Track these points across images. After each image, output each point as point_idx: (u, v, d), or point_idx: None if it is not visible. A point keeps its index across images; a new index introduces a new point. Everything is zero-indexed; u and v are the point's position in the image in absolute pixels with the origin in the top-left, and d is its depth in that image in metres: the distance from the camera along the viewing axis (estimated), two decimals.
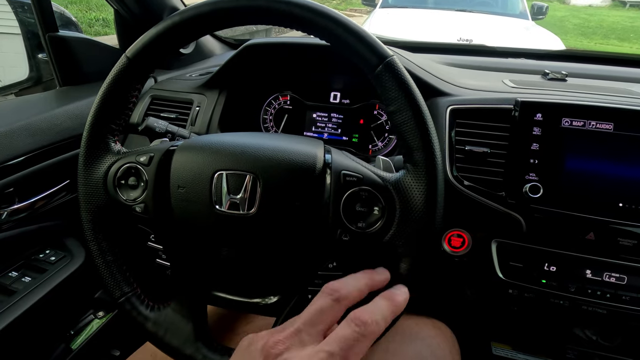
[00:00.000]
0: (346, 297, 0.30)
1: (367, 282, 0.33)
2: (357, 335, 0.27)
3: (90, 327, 0.76)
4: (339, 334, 0.27)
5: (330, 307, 0.30)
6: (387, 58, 0.38)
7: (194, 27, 0.43)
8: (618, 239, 0.51)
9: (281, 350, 0.27)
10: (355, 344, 0.27)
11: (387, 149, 0.78)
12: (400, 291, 0.33)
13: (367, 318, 0.28)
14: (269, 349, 0.27)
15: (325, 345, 0.27)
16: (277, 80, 0.82)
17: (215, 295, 0.46)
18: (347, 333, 0.27)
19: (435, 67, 0.74)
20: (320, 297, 0.30)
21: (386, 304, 0.30)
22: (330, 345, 0.26)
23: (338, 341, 0.27)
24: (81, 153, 0.45)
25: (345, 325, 0.28)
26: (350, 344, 0.26)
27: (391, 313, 0.30)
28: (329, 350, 0.26)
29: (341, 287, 0.31)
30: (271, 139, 0.45)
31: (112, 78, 0.44)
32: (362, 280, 0.33)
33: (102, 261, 0.45)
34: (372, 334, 0.28)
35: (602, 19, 9.51)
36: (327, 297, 0.30)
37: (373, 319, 0.28)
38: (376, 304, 0.30)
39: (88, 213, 0.46)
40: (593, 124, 0.53)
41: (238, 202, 0.41)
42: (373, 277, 0.35)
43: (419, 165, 0.38)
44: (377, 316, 0.29)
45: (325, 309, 0.29)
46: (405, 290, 0.33)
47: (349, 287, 0.31)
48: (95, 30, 3.78)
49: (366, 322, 0.28)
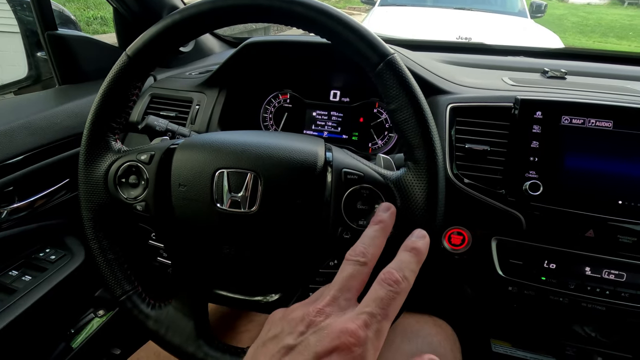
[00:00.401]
0: (371, 258, 0.32)
1: (381, 232, 0.35)
2: (392, 294, 0.29)
3: (91, 326, 0.76)
4: (375, 295, 0.29)
5: (358, 272, 0.31)
6: (389, 56, 0.38)
7: (194, 26, 0.42)
8: (618, 236, 0.52)
9: (324, 317, 0.28)
10: (391, 302, 0.28)
11: (387, 147, 0.79)
12: (419, 237, 0.33)
13: (397, 276, 0.29)
14: (312, 317, 0.28)
15: (364, 307, 0.28)
16: (276, 78, 0.82)
17: (217, 293, 0.46)
18: (382, 294, 0.28)
19: (434, 65, 0.74)
20: (347, 265, 0.32)
21: (410, 256, 0.32)
22: (369, 307, 0.28)
23: (376, 302, 0.28)
24: (82, 151, 0.45)
25: (379, 287, 0.29)
26: (388, 302, 0.28)
27: (417, 263, 0.31)
28: (370, 312, 0.28)
29: (363, 250, 0.32)
30: (272, 137, 0.45)
31: (113, 76, 0.44)
32: (377, 234, 0.34)
33: (103, 259, 0.45)
34: (405, 290, 0.29)
35: (601, 17, 9.53)
36: (353, 264, 0.32)
37: (402, 275, 0.30)
38: (401, 259, 0.31)
39: (89, 211, 0.46)
40: (592, 121, 0.53)
41: (239, 200, 0.41)
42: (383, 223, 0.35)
43: (420, 163, 0.38)
44: (406, 272, 0.30)
45: (354, 274, 0.31)
46: (423, 234, 0.34)
47: (370, 249, 0.33)
48: (93, 29, 3.76)
49: (397, 280, 0.29)
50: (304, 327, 0.28)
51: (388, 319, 0.28)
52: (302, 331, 0.28)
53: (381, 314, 0.28)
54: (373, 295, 0.29)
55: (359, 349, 0.26)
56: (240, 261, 0.44)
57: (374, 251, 0.33)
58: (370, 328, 0.27)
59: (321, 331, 0.27)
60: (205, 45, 1.03)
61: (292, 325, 0.29)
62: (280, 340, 0.28)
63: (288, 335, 0.28)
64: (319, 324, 0.28)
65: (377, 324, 0.27)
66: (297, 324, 0.28)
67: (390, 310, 0.28)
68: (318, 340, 0.26)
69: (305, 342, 0.27)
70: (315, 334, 0.27)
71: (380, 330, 0.27)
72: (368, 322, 0.27)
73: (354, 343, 0.26)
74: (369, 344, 0.26)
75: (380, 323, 0.27)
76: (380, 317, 0.28)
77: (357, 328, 0.27)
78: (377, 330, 0.27)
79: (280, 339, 0.28)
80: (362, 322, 0.27)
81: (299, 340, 0.27)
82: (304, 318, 0.28)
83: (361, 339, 0.26)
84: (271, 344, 0.28)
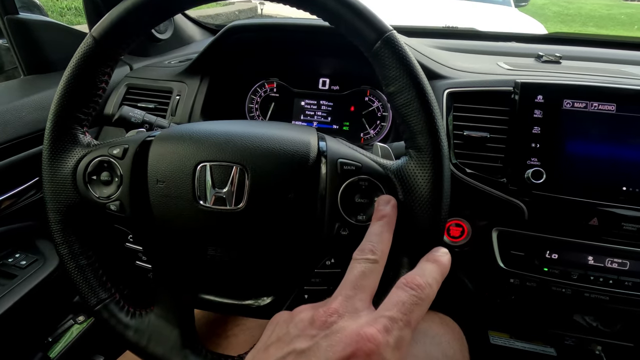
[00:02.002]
0: (382, 255, 0.29)
1: (387, 227, 0.32)
2: (415, 299, 0.25)
3: (70, 333, 0.72)
4: (396, 299, 0.25)
5: (370, 270, 0.28)
6: (387, 33, 0.35)
7: (167, 3, 0.38)
8: (622, 224, 0.50)
9: (337, 318, 0.25)
10: (414, 308, 0.25)
11: (379, 137, 0.76)
12: (441, 252, 0.31)
13: (421, 281, 0.26)
14: (323, 318, 0.25)
15: (384, 310, 0.25)
16: (262, 66, 0.77)
17: (203, 298, 0.43)
18: (404, 297, 0.25)
19: (428, 50, 0.71)
20: (356, 263, 0.29)
21: (433, 266, 0.29)
22: (390, 311, 0.25)
23: (397, 306, 0.25)
24: (45, 145, 0.40)
25: (400, 290, 0.26)
26: (410, 308, 0.25)
27: (440, 275, 0.28)
28: (390, 316, 0.24)
29: (372, 248, 0.30)
30: (259, 126, 0.41)
31: (77, 61, 0.39)
32: (383, 230, 0.31)
33: (74, 266, 0.41)
34: (428, 297, 0.26)
35: (581, 7, 9.67)
36: (363, 261, 0.29)
37: (426, 282, 0.27)
38: (423, 268, 0.29)
39: (56, 213, 0.41)
40: (595, 105, 0.51)
41: (224, 197, 0.37)
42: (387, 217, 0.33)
43: (423, 151, 0.35)
44: (429, 279, 0.27)
45: (366, 272, 0.28)
46: (445, 251, 0.31)
47: (378, 245, 0.30)
48: (67, 20, 3.59)
49: (420, 285, 0.26)
50: (315, 330, 0.24)
51: (410, 326, 0.24)
52: (313, 334, 0.24)
53: (403, 319, 0.24)
54: (394, 299, 0.25)
55: (378, 357, 0.22)
56: (227, 263, 0.40)
57: (383, 248, 0.30)
58: (391, 334, 0.23)
59: (334, 335, 0.24)
60: (185, 33, 0.98)
61: (299, 328, 0.25)
62: (285, 345, 0.24)
63: (296, 339, 0.24)
64: (331, 325, 0.24)
65: (398, 331, 0.24)
66: (306, 326, 0.25)
67: (413, 317, 0.25)
68: (330, 345, 0.23)
69: (315, 347, 0.23)
70: (327, 338, 0.24)
71: (402, 339, 0.24)
72: (389, 327, 0.24)
73: (372, 350, 0.22)
74: (389, 353, 0.23)
75: (402, 330, 0.24)
76: (403, 324, 0.24)
77: (377, 332, 0.23)
78: (398, 338, 0.24)
79: (286, 342, 0.25)
80: (382, 327, 0.23)
81: (308, 345, 0.24)
82: (315, 319, 0.25)
83: (380, 345, 0.23)
84: (274, 348, 0.25)
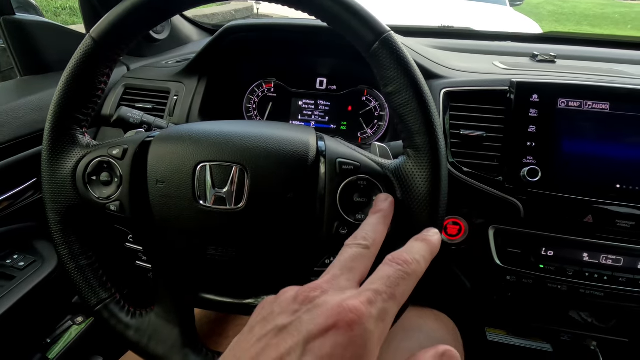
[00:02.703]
0: (374, 243, 0.29)
1: (382, 220, 0.32)
2: (401, 273, 0.25)
3: (69, 334, 0.72)
4: (382, 273, 0.25)
5: (361, 254, 0.28)
6: (384, 34, 0.35)
7: (166, 4, 0.38)
8: (616, 221, 0.51)
9: (320, 293, 0.24)
10: (400, 282, 0.25)
11: (376, 136, 0.76)
12: (432, 232, 0.31)
13: (407, 257, 0.26)
14: (306, 294, 0.24)
15: (369, 284, 0.25)
16: (260, 66, 0.78)
17: (203, 297, 0.43)
18: (390, 272, 0.25)
19: (424, 50, 0.71)
20: (348, 247, 0.29)
21: (421, 244, 0.29)
22: (375, 284, 0.24)
23: (382, 280, 0.25)
24: (44, 146, 0.41)
25: (386, 265, 0.26)
26: (396, 282, 0.25)
27: (429, 253, 0.29)
28: (375, 289, 0.24)
29: (365, 235, 0.30)
30: (259, 126, 0.42)
31: (77, 62, 0.39)
32: (378, 221, 0.32)
33: (74, 266, 0.41)
34: (415, 273, 0.26)
35: (575, 6, 9.73)
36: (355, 246, 0.29)
37: (413, 258, 0.27)
38: (412, 246, 0.29)
39: (56, 214, 0.41)
40: (589, 104, 0.52)
41: (224, 197, 0.37)
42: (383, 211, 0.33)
43: (421, 150, 0.35)
44: (417, 255, 0.27)
45: (356, 256, 0.28)
46: (435, 231, 0.31)
47: (371, 234, 0.30)
48: (62, 19, 3.56)
49: (407, 261, 0.26)
50: (298, 305, 0.24)
51: (395, 300, 0.24)
52: (295, 309, 0.24)
53: (387, 292, 0.24)
54: (379, 274, 0.25)
55: (360, 327, 0.22)
56: (227, 262, 0.40)
57: (376, 237, 0.30)
58: (374, 306, 0.23)
59: (316, 308, 0.23)
60: (182, 33, 0.98)
61: (283, 306, 0.25)
62: (268, 322, 0.24)
63: (279, 316, 0.24)
64: (313, 300, 0.24)
65: (382, 303, 0.23)
66: (289, 303, 0.25)
67: (398, 291, 0.25)
68: (312, 317, 0.23)
69: (297, 321, 0.23)
70: (309, 312, 0.23)
71: (385, 311, 0.23)
72: (372, 299, 0.23)
73: (354, 320, 0.22)
74: (372, 324, 0.22)
75: (387, 302, 0.24)
76: (387, 296, 0.24)
77: (360, 304, 0.23)
78: (382, 310, 0.23)
79: (269, 320, 0.24)
80: (365, 299, 0.23)
81: (290, 320, 0.23)
82: (298, 295, 0.25)
83: (363, 316, 0.22)
84: (258, 327, 0.24)
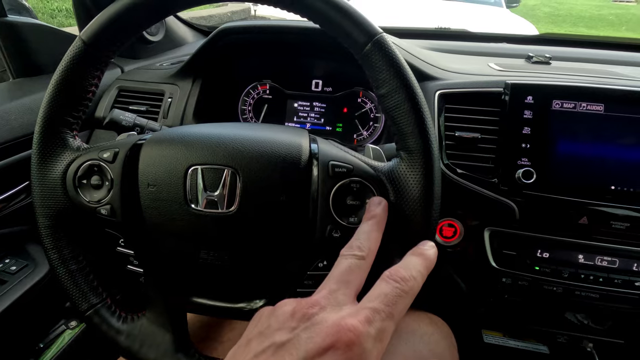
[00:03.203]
0: (369, 253, 0.29)
1: (376, 226, 0.32)
2: (399, 291, 0.25)
3: (62, 339, 0.71)
4: (379, 291, 0.25)
5: (356, 265, 0.28)
6: (377, 35, 0.35)
7: (158, 5, 0.38)
8: (611, 222, 0.51)
9: (318, 310, 0.24)
10: (398, 300, 0.25)
11: (372, 137, 0.76)
12: (428, 246, 0.31)
13: (405, 274, 0.26)
14: (304, 311, 0.25)
15: (367, 302, 0.25)
16: (255, 68, 0.77)
17: (195, 301, 0.42)
18: (388, 290, 0.25)
19: (419, 51, 0.71)
20: (342, 259, 0.29)
21: (418, 259, 0.29)
22: (373, 302, 0.25)
23: (380, 298, 0.25)
24: (34, 150, 0.40)
25: (383, 283, 0.26)
26: (394, 300, 0.25)
27: (425, 268, 0.29)
28: (373, 307, 0.24)
29: (360, 244, 0.30)
30: (251, 129, 0.41)
31: (66, 65, 0.39)
32: (372, 229, 0.32)
33: (64, 271, 0.41)
34: (412, 290, 0.26)
35: (571, 7, 9.78)
36: (351, 257, 0.29)
37: (410, 275, 0.27)
38: (408, 261, 0.29)
39: (46, 218, 0.40)
40: (584, 105, 0.52)
41: (216, 200, 0.37)
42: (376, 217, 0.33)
43: (413, 153, 0.35)
44: (413, 272, 0.27)
45: (352, 268, 0.28)
46: (431, 244, 0.31)
47: (366, 243, 0.30)
48: (58, 22, 3.55)
49: (404, 278, 0.26)
50: (296, 322, 0.24)
51: (393, 319, 0.24)
52: (293, 327, 0.24)
53: (386, 311, 0.24)
54: (377, 291, 0.25)
55: (358, 347, 0.22)
56: (219, 266, 0.40)
57: (371, 246, 0.30)
58: (372, 325, 0.23)
59: (314, 326, 0.23)
60: (177, 35, 0.97)
61: (280, 321, 0.25)
62: (265, 338, 0.24)
63: (276, 332, 0.24)
64: (311, 317, 0.24)
65: (380, 322, 0.24)
66: (287, 318, 0.25)
67: (396, 309, 0.25)
68: (310, 337, 0.23)
69: (295, 339, 0.23)
70: (307, 330, 0.23)
71: (383, 330, 0.24)
72: (370, 318, 0.23)
73: (352, 340, 0.22)
74: (370, 344, 0.23)
75: (385, 322, 0.24)
76: (385, 315, 0.24)
77: (358, 323, 0.23)
78: (380, 330, 0.23)
79: (266, 335, 0.24)
80: (363, 317, 0.23)
81: (288, 337, 0.23)
82: (296, 312, 0.25)
83: (361, 336, 0.22)
84: (255, 341, 0.24)
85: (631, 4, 11.10)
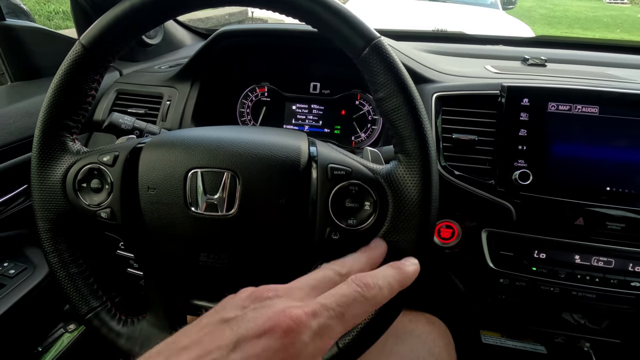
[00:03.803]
0: (347, 273, 0.29)
1: (367, 260, 0.32)
2: (357, 295, 0.25)
3: (61, 342, 0.71)
4: (338, 291, 0.25)
5: (331, 279, 0.28)
6: (374, 40, 0.35)
7: (157, 9, 0.38)
8: (606, 223, 0.51)
9: (272, 294, 0.25)
10: (353, 303, 0.24)
11: (370, 140, 0.76)
12: (410, 262, 0.31)
13: (370, 281, 0.26)
14: (260, 293, 0.25)
15: (321, 298, 0.24)
16: (253, 70, 0.78)
17: (195, 304, 0.43)
18: (347, 291, 0.25)
19: (416, 54, 0.72)
20: (322, 269, 0.29)
21: (393, 272, 0.29)
22: (326, 299, 0.24)
23: (335, 297, 0.24)
24: (34, 153, 0.40)
25: (345, 284, 0.26)
26: (348, 302, 0.24)
27: (397, 282, 0.28)
28: (324, 304, 0.24)
29: (343, 263, 0.30)
30: (250, 132, 0.42)
31: (66, 69, 0.39)
32: (363, 259, 0.32)
33: (64, 274, 0.41)
34: (374, 299, 0.26)
35: (567, 9, 9.86)
36: (329, 270, 0.28)
37: (376, 283, 0.26)
38: (382, 271, 0.29)
39: (45, 221, 0.41)
40: (579, 107, 0.52)
41: (216, 203, 0.37)
42: (371, 254, 0.33)
43: (411, 155, 0.35)
44: (381, 281, 0.27)
45: (326, 279, 0.28)
46: (415, 262, 0.31)
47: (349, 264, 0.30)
48: (55, 24, 3.54)
49: (368, 284, 0.26)
50: (248, 302, 0.24)
51: (342, 320, 0.24)
52: (244, 306, 0.24)
53: (336, 310, 0.24)
54: (335, 291, 0.25)
55: (295, 336, 0.21)
56: (219, 269, 0.40)
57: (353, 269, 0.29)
58: (316, 319, 0.22)
59: (262, 309, 0.23)
60: (175, 38, 0.97)
61: (236, 300, 0.25)
62: (217, 313, 0.24)
63: (228, 309, 0.24)
64: (264, 300, 0.24)
65: (326, 319, 0.23)
66: (243, 299, 0.25)
67: (349, 312, 0.24)
68: (254, 316, 0.23)
69: (241, 317, 0.23)
70: (254, 310, 0.23)
71: (327, 327, 0.23)
72: (317, 312, 0.23)
73: (291, 327, 0.22)
74: (308, 337, 0.22)
75: (331, 320, 0.23)
76: (334, 314, 0.23)
77: (302, 313, 0.22)
78: (322, 326, 0.23)
79: (218, 312, 0.24)
80: (310, 310, 0.23)
81: (235, 314, 0.23)
82: (252, 294, 0.25)
83: (301, 326, 0.22)
84: (207, 317, 0.24)
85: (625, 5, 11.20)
